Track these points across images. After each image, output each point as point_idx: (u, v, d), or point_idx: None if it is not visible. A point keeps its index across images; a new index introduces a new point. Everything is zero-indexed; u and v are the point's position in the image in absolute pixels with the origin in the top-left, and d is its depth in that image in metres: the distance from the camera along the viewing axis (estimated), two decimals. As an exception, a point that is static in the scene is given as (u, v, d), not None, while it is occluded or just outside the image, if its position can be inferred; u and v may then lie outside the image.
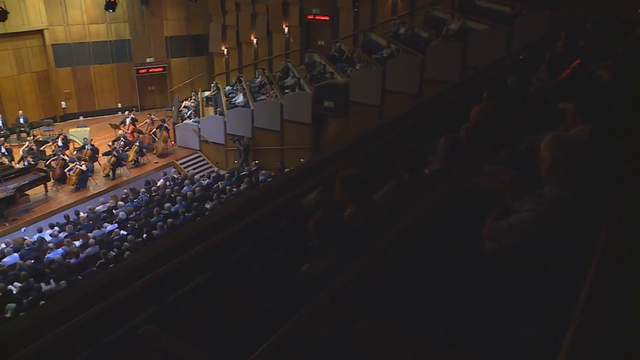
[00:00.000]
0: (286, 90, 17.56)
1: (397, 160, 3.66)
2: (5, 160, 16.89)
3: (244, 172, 15.31)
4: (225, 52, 23.24)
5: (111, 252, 10.69)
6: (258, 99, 18.26)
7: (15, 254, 11.55)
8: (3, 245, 12.42)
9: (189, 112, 20.41)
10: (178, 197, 13.15)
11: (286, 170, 14.40)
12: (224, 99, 19.75)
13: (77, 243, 11.62)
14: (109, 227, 12.47)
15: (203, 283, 3.61)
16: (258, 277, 3.43)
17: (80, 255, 11.05)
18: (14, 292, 9.86)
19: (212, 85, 22.17)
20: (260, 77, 20.09)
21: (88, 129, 19.78)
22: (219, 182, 14.69)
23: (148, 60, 23.18)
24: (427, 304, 2.46)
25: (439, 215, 3.21)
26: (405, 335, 2.08)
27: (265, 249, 3.82)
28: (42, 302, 8.90)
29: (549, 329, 1.97)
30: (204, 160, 18.70)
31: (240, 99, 19.04)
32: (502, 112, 4.57)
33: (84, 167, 16.01)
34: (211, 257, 3.66)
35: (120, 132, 18.65)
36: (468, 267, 2.70)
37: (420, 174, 3.69)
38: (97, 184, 16.58)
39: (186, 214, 12.11)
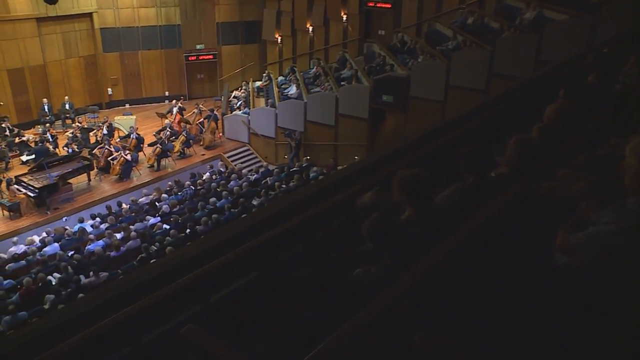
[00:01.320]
0: (342, 83, 17.56)
1: (461, 162, 3.61)
2: (50, 147, 17.63)
3: (294, 169, 15.43)
4: (279, 40, 23.47)
5: (152, 246, 11.02)
6: (312, 90, 18.35)
7: (56, 244, 12.08)
8: (44, 235, 13.00)
9: (239, 102, 20.73)
10: (224, 192, 13.40)
11: (339, 167, 14.44)
12: (275, 89, 19.97)
13: (119, 235, 12.04)
14: (152, 220, 12.84)
15: (248, 284, 3.67)
16: (307, 280, 3.45)
17: (121, 248, 11.44)
18: (53, 283, 10.33)
19: (264, 75, 22.46)
20: (315, 67, 20.17)
21: (134, 117, 20.40)
22: (268, 178, 14.87)
23: (198, 46, 23.69)
24: (489, 320, 2.42)
25: (505, 223, 3.15)
26: (466, 352, 2.06)
27: (316, 251, 3.84)
28: (81, 295, 9.28)
29: (628, 357, 1.90)
30: (252, 154, 18.97)
31: (293, 90, 19.19)
32: (580, 111, 4.43)
33: (128, 157, 16.52)
34: (258, 257, 3.71)
35: (166, 121, 19.14)
36: (536, 281, 2.63)
37: (486, 177, 3.63)
38: (140, 174, 17.10)
39: (232, 210, 12.33)
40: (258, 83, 22.39)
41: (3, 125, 18.77)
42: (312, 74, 19.90)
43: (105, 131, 18.34)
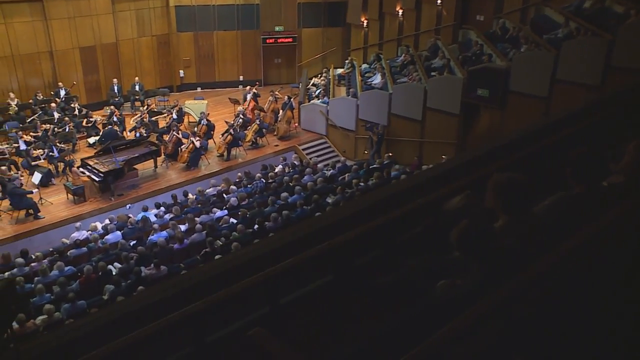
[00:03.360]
0: (432, 73, 17.37)
1: (567, 168, 3.50)
2: (117, 130, 18.44)
3: (374, 165, 15.40)
4: (365, 24, 23.46)
5: (218, 241, 11.31)
6: (398, 81, 18.25)
7: (118, 232, 12.64)
8: (107, 221, 13.61)
9: (318, 91, 20.89)
10: (297, 187, 13.57)
11: (424, 167, 14.31)
12: (358, 78, 20.00)
13: (183, 227, 12.45)
14: (218, 213, 13.18)
15: (321, 287, 3.70)
16: (385, 288, 3.45)
17: (185, 240, 11.82)
18: (113, 273, 10.83)
19: (347, 61, 22.53)
20: (403, 55, 20.05)
21: (205, 102, 20.98)
22: (345, 174, 14.91)
23: (277, 28, 24.07)
24: (592, 352, 2.34)
25: (617, 240, 3.02)
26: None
27: (395, 258, 3.83)
28: (141, 287, 9.68)
29: None
30: (329, 147, 19.13)
31: (377, 79, 19.15)
32: None
33: (197, 144, 17.02)
34: (332, 259, 3.74)
35: (239, 108, 19.58)
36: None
37: (596, 186, 3.50)
38: (209, 163, 17.59)
39: (304, 207, 12.47)
40: (339, 70, 22.48)
41: (72, 105, 19.80)
42: (399, 63, 19.80)
43: (174, 116, 18.98)
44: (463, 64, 16.68)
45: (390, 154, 16.64)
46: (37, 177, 15.14)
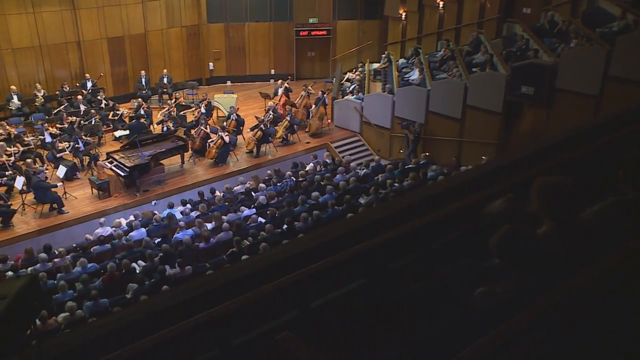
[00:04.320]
0: (474, 69, 17.25)
1: (620, 171, 3.43)
2: (144, 123, 18.67)
3: (410, 165, 15.33)
4: (404, 16, 23.35)
5: (245, 240, 11.37)
6: (437, 77, 18.17)
7: (143, 229, 12.80)
8: (131, 218, 13.80)
9: (352, 86, 20.87)
10: (328, 187, 13.58)
11: (463, 168, 14.19)
12: (395, 73, 19.93)
13: (209, 225, 12.56)
14: (246, 211, 13.26)
15: (353, 292, 3.70)
16: (419, 294, 3.43)
17: (211, 239, 11.92)
18: (137, 272, 10.97)
19: (383, 56, 22.47)
20: (443, 50, 19.93)
21: (235, 96, 21.16)
22: (379, 174, 14.88)
23: (311, 20, 24.09)
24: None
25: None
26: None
27: (431, 263, 3.80)
28: (165, 286, 9.78)
29: None
30: (363, 145, 19.10)
31: (415, 75, 19.06)
32: None
33: (226, 140, 17.13)
34: (365, 263, 3.73)
35: (270, 103, 19.68)
36: None
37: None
38: (238, 160, 17.71)
39: (336, 207, 12.46)
40: (375, 65, 22.42)
41: (99, 97, 20.12)
42: (438, 58, 19.68)
43: (203, 110, 19.13)
44: (507, 60, 16.52)
45: (427, 154, 16.55)
46: (61, 171, 15.42)
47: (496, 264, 3.18)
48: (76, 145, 16.76)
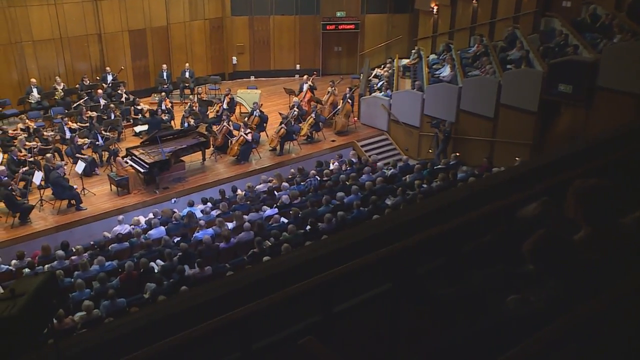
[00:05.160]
0: (508, 66, 17.13)
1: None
2: (165, 118, 18.80)
3: (439, 166, 15.27)
4: (435, 10, 23.26)
5: (267, 241, 11.41)
6: (469, 73, 18.07)
7: (162, 228, 12.90)
8: (150, 216, 13.92)
9: (380, 83, 20.86)
10: (354, 187, 13.57)
11: (494, 169, 14.09)
12: (425, 70, 19.85)
13: (230, 225, 12.63)
14: (268, 211, 13.29)
15: (378, 296, 3.69)
16: (448, 301, 3.41)
17: (232, 239, 11.97)
18: (156, 271, 11.06)
19: (413, 51, 22.41)
20: (476, 45, 19.84)
21: (259, 91, 21.23)
22: (407, 175, 14.83)
23: (338, 14, 24.09)
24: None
25: None
26: None
27: (461, 268, 3.78)
28: (184, 287, 9.85)
29: None
30: (390, 144, 19.07)
31: (446, 72, 18.99)
32: None
33: (249, 137, 17.20)
34: (392, 266, 3.72)
35: (295, 99, 19.69)
36: None
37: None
38: (260, 158, 17.77)
39: (361, 209, 12.45)
40: (405, 61, 22.38)
41: (119, 91, 20.33)
42: (471, 54, 19.60)
43: (225, 105, 19.24)
44: (544, 56, 16.36)
45: (458, 154, 16.45)
46: (80, 167, 15.60)
47: (529, 271, 3.16)
48: (96, 143, 16.92)
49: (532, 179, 4.59)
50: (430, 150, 17.83)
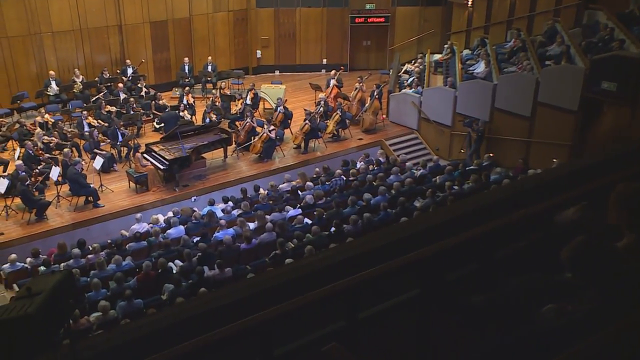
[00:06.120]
0: (547, 62, 17.01)
1: None
2: (187, 115, 18.92)
3: (471, 167, 15.20)
4: (470, 3, 23.12)
5: (290, 242, 11.44)
6: (505, 70, 17.98)
7: (181, 227, 12.99)
8: (170, 214, 14.02)
9: (411, 79, 20.81)
10: (381, 187, 13.55)
11: (530, 171, 13.99)
12: (458, 65, 19.76)
13: (252, 225, 12.68)
14: (291, 211, 13.34)
15: (406, 303, 3.67)
16: (480, 309, 3.39)
17: (253, 240, 12.01)
18: (174, 272, 11.13)
19: (446, 46, 22.30)
20: (513, 40, 19.71)
21: (283, 87, 21.30)
22: (437, 176, 14.77)
23: (368, 6, 24.11)
24: None
25: None
26: None
27: (494, 275, 3.75)
28: (203, 289, 9.90)
29: None
30: (420, 143, 19.04)
31: (480, 68, 18.88)
32: None
33: (272, 134, 17.25)
34: (419, 272, 3.70)
35: (321, 95, 19.73)
36: None
37: None
38: (284, 156, 17.82)
39: (388, 210, 12.42)
40: (437, 56, 22.28)
41: (139, 85, 20.50)
42: (507, 49, 19.47)
43: (248, 101, 19.34)
44: (586, 52, 16.22)
45: (491, 155, 16.37)
46: (98, 162, 15.73)
47: (568, 279, 3.13)
48: (116, 143, 17.08)
49: (571, 183, 4.55)
50: (462, 150, 17.75)
